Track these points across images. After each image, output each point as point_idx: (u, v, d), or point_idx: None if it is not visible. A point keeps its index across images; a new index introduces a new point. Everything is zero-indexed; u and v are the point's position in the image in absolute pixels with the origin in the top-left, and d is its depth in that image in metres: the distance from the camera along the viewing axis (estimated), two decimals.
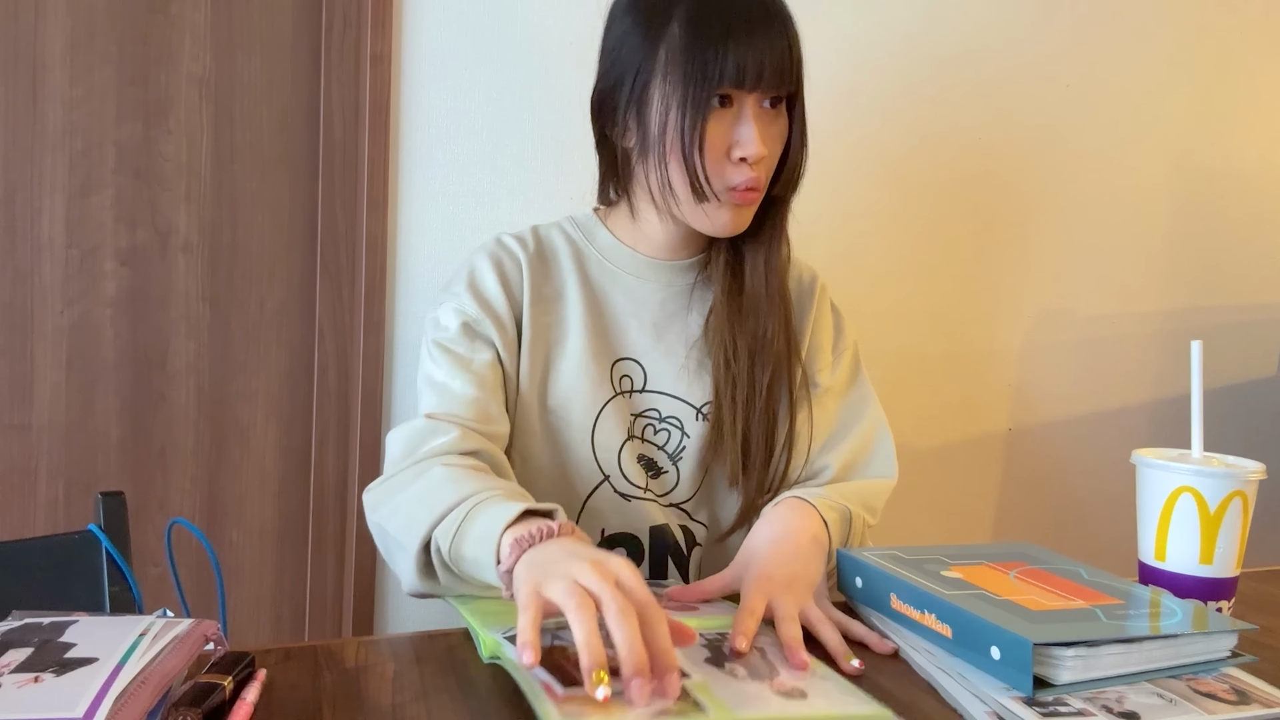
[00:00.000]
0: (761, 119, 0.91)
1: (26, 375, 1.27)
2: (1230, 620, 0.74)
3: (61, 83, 1.26)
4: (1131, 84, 1.75)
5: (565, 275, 1.01)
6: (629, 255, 1.03)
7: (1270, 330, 1.91)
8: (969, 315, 1.69)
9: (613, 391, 0.99)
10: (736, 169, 0.91)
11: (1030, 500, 1.77)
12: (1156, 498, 0.85)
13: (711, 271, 1.02)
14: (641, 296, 1.02)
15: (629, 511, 0.99)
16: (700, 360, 1.01)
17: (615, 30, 0.96)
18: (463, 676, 0.68)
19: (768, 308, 0.99)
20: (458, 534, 0.75)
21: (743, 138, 0.90)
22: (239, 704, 0.60)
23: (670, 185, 0.93)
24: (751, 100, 0.91)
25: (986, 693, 0.66)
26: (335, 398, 1.37)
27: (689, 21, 0.89)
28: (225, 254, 1.35)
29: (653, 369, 1.01)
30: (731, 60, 0.87)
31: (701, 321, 1.01)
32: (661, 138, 0.91)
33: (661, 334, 1.01)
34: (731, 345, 0.99)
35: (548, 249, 1.03)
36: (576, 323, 0.99)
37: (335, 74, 1.33)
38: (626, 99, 0.94)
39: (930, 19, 1.60)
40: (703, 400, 1.00)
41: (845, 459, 1.02)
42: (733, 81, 0.88)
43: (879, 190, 1.61)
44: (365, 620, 1.38)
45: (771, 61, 0.89)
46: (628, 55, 0.93)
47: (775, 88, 0.91)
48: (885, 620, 0.79)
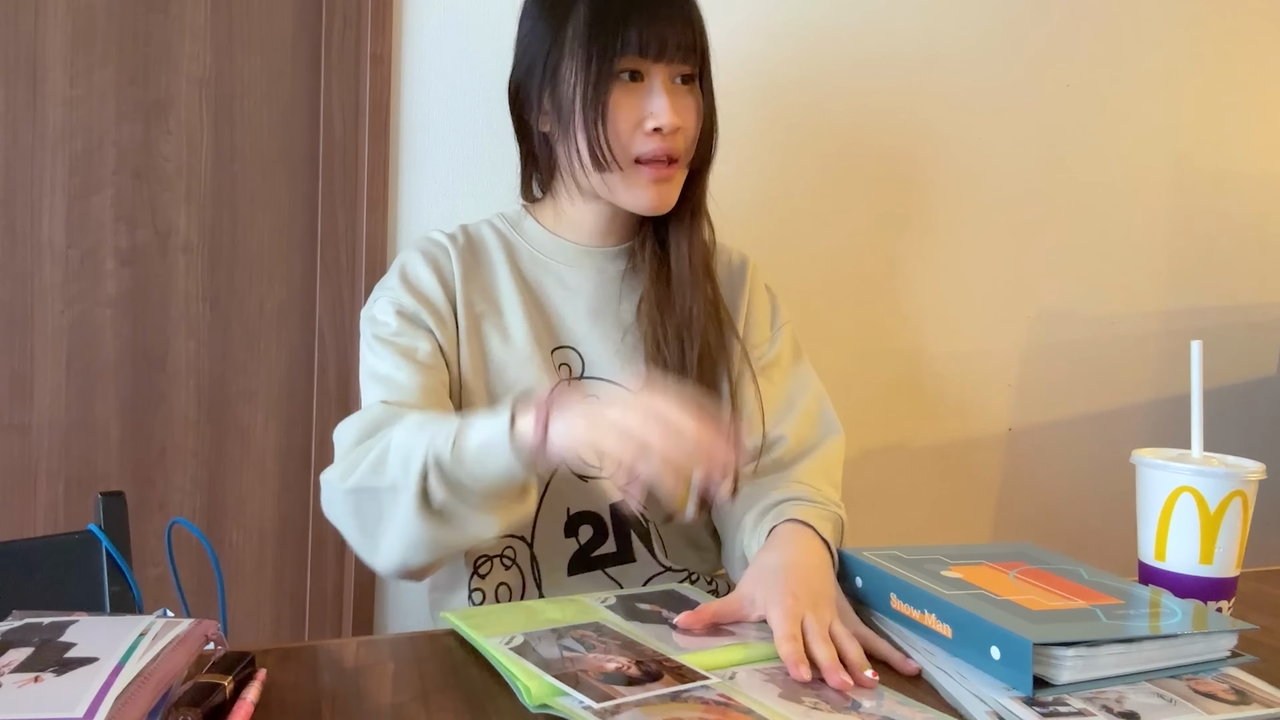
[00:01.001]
0: (674, 93, 0.96)
1: (26, 375, 1.27)
2: (1230, 620, 0.74)
3: (61, 83, 1.26)
4: (1131, 84, 1.75)
5: (496, 267, 1.03)
6: (558, 244, 1.05)
7: (1270, 330, 1.91)
8: (969, 315, 1.69)
9: (555, 379, 1.01)
10: (647, 139, 0.95)
11: (1030, 500, 1.77)
12: (1156, 498, 0.85)
13: (639, 258, 1.05)
14: (574, 284, 1.04)
15: (587, 491, 1.00)
16: (634, 345, 1.03)
17: (526, 21, 1.01)
18: (463, 676, 0.68)
19: (692, 287, 1.02)
20: (459, 436, 0.75)
21: (655, 108, 0.94)
22: (239, 704, 0.60)
23: (580, 157, 0.96)
24: (662, 74, 0.95)
25: (986, 693, 0.66)
26: (335, 398, 1.37)
27: (593, 1, 0.94)
28: (225, 254, 1.35)
29: (590, 355, 1.03)
30: (635, 32, 0.92)
31: (634, 307, 1.03)
32: (571, 111, 0.95)
33: (596, 320, 1.03)
34: (661, 328, 1.01)
35: (477, 243, 1.05)
36: (514, 312, 1.01)
37: (335, 74, 1.33)
38: (539, 82, 0.98)
39: (930, 19, 1.60)
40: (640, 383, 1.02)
41: (800, 430, 1.05)
42: (635, 51, 0.93)
43: (877, 189, 1.61)
44: (365, 620, 1.38)
45: (675, 35, 0.94)
46: (538, 40, 0.98)
47: (682, 62, 0.95)
48: (885, 620, 0.79)
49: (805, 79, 1.52)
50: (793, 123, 1.53)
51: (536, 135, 1.02)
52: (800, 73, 1.51)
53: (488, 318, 1.01)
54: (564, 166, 1.00)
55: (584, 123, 0.94)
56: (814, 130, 1.55)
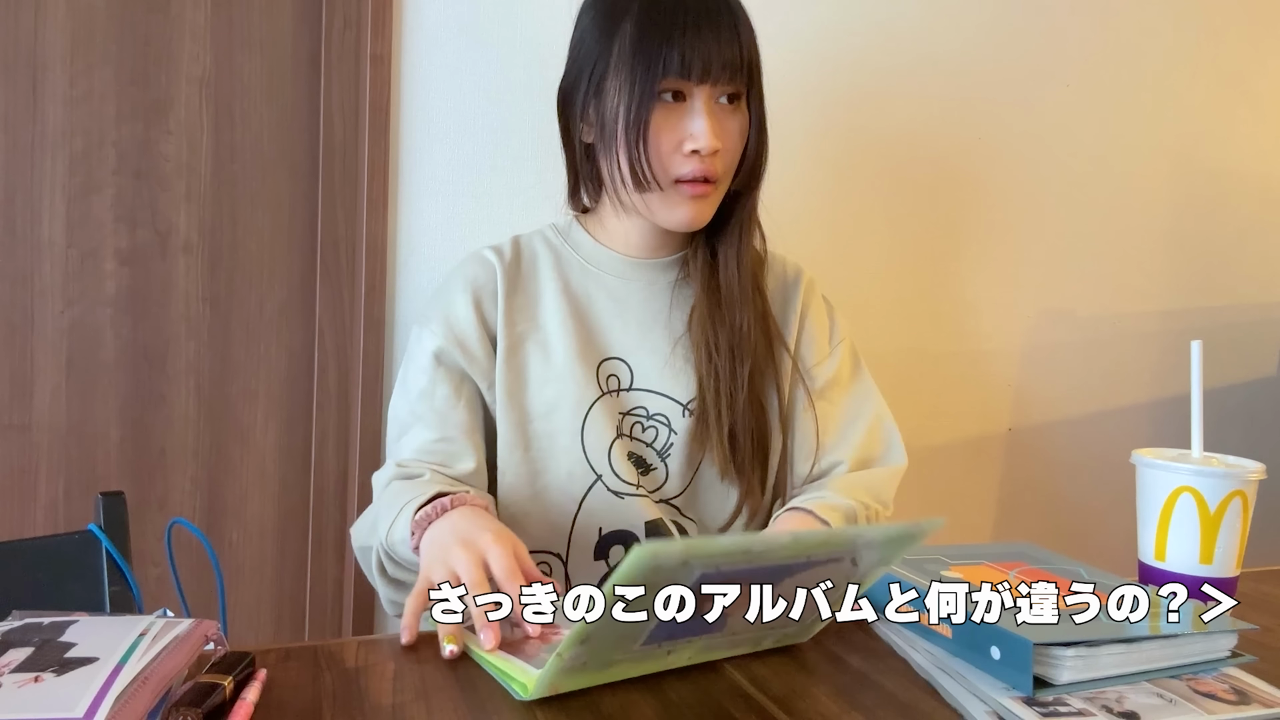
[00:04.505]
0: (717, 114, 0.94)
1: (26, 375, 1.27)
2: (1230, 620, 0.74)
3: (61, 83, 1.26)
4: (1131, 84, 1.75)
5: (544, 282, 1.04)
6: (610, 256, 1.05)
7: (1270, 330, 1.91)
8: (969, 315, 1.69)
9: (600, 391, 1.00)
10: (686, 160, 0.94)
11: (1030, 500, 1.77)
12: (1156, 498, 0.85)
13: (691, 268, 1.04)
14: (624, 296, 1.04)
15: (622, 509, 0.99)
16: (685, 356, 1.02)
17: (579, 27, 1.00)
18: (463, 676, 0.68)
19: (741, 302, 1.01)
20: (392, 526, 0.87)
21: (694, 130, 0.93)
22: (239, 704, 0.60)
23: (620, 175, 0.96)
24: (704, 95, 0.94)
25: (986, 693, 0.66)
26: (335, 398, 1.37)
27: (641, 17, 0.93)
28: (225, 254, 1.35)
29: (639, 367, 1.02)
30: (677, 54, 0.91)
31: (685, 318, 1.03)
32: (614, 128, 0.94)
33: (646, 332, 1.03)
34: (714, 340, 1.01)
35: (526, 257, 1.06)
36: (558, 327, 1.01)
37: (335, 74, 1.33)
38: (585, 92, 0.97)
39: (930, 19, 1.60)
40: (688, 396, 1.02)
41: (858, 454, 1.04)
42: (678, 73, 0.92)
43: (878, 190, 1.61)
44: (365, 620, 1.38)
45: (720, 56, 0.92)
46: (587, 51, 0.97)
47: (727, 82, 0.94)
48: (885, 620, 0.79)
49: (802, 81, 1.52)
50: (790, 123, 1.52)
51: (580, 145, 1.02)
52: (791, 70, 1.51)
53: (530, 336, 1.02)
54: (606, 181, 0.99)
55: (626, 142, 0.94)
56: (811, 130, 1.55)
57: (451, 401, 0.99)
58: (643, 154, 0.93)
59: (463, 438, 0.99)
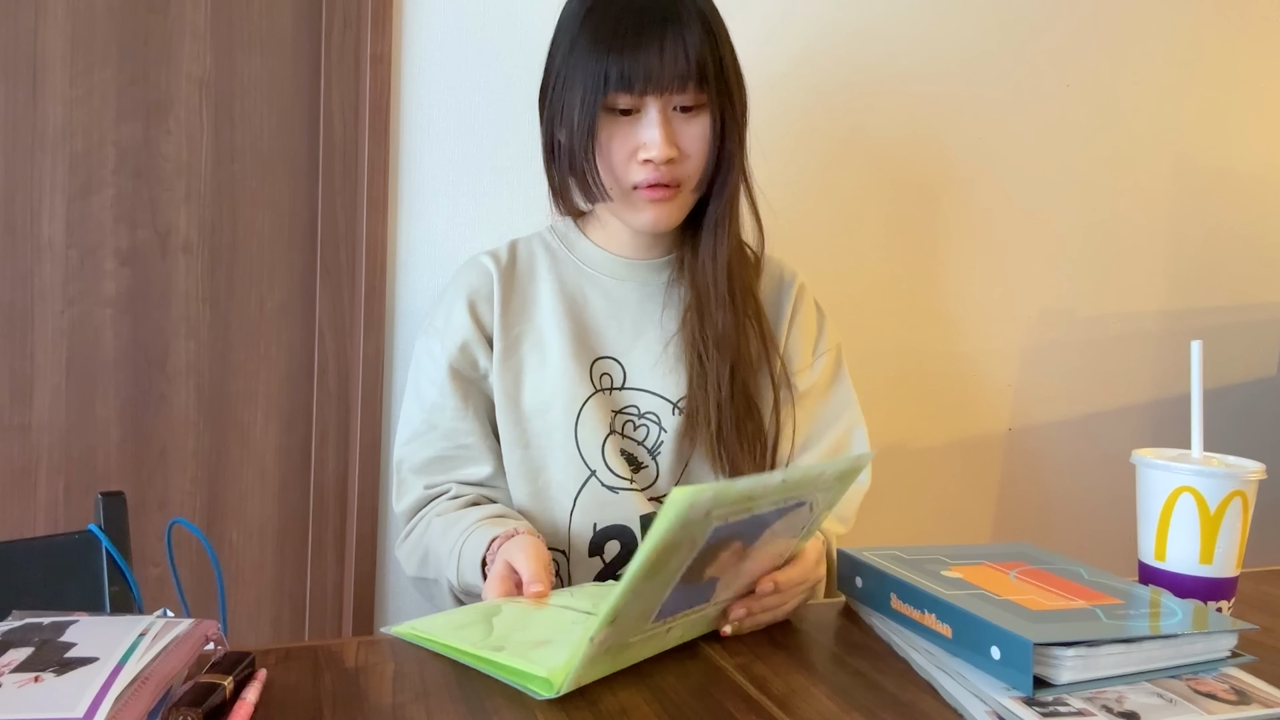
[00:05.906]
0: (674, 121, 0.95)
1: (26, 375, 1.27)
2: (1230, 620, 0.74)
3: (61, 83, 1.26)
4: (1131, 84, 1.75)
5: (540, 283, 1.06)
6: (605, 257, 1.07)
7: (1270, 330, 1.91)
8: (969, 315, 1.69)
9: (593, 389, 1.02)
10: (641, 168, 0.96)
11: (1030, 500, 1.77)
12: (1156, 498, 0.85)
13: (683, 269, 1.05)
14: (619, 297, 1.06)
15: (617, 504, 1.01)
16: (676, 356, 1.04)
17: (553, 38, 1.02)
18: (463, 676, 0.68)
19: (724, 301, 1.02)
20: (460, 570, 0.92)
21: (646, 140, 0.95)
22: (239, 704, 0.60)
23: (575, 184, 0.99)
24: (658, 104, 0.94)
25: (986, 693, 0.66)
26: (335, 398, 1.37)
27: (589, 29, 0.94)
28: (225, 254, 1.35)
29: (631, 366, 1.04)
30: (617, 70, 0.92)
31: (677, 317, 1.04)
32: (570, 140, 0.97)
33: (640, 332, 1.05)
34: (703, 340, 1.02)
35: (523, 260, 1.08)
36: (553, 327, 1.03)
37: (335, 74, 1.33)
38: (549, 104, 1.00)
39: (930, 18, 1.60)
40: (678, 395, 1.03)
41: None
42: (619, 88, 0.93)
43: (878, 190, 1.61)
44: (365, 620, 1.38)
45: (665, 68, 0.92)
46: (551, 61, 1.00)
47: (678, 92, 0.94)
48: (885, 620, 0.79)
49: (802, 80, 1.52)
50: (789, 123, 1.53)
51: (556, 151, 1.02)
52: (790, 69, 1.52)
53: (526, 337, 1.04)
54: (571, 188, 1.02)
55: (576, 154, 0.96)
56: (812, 130, 1.55)
57: (460, 412, 1.03)
58: (593, 165, 0.96)
59: (476, 444, 1.03)
